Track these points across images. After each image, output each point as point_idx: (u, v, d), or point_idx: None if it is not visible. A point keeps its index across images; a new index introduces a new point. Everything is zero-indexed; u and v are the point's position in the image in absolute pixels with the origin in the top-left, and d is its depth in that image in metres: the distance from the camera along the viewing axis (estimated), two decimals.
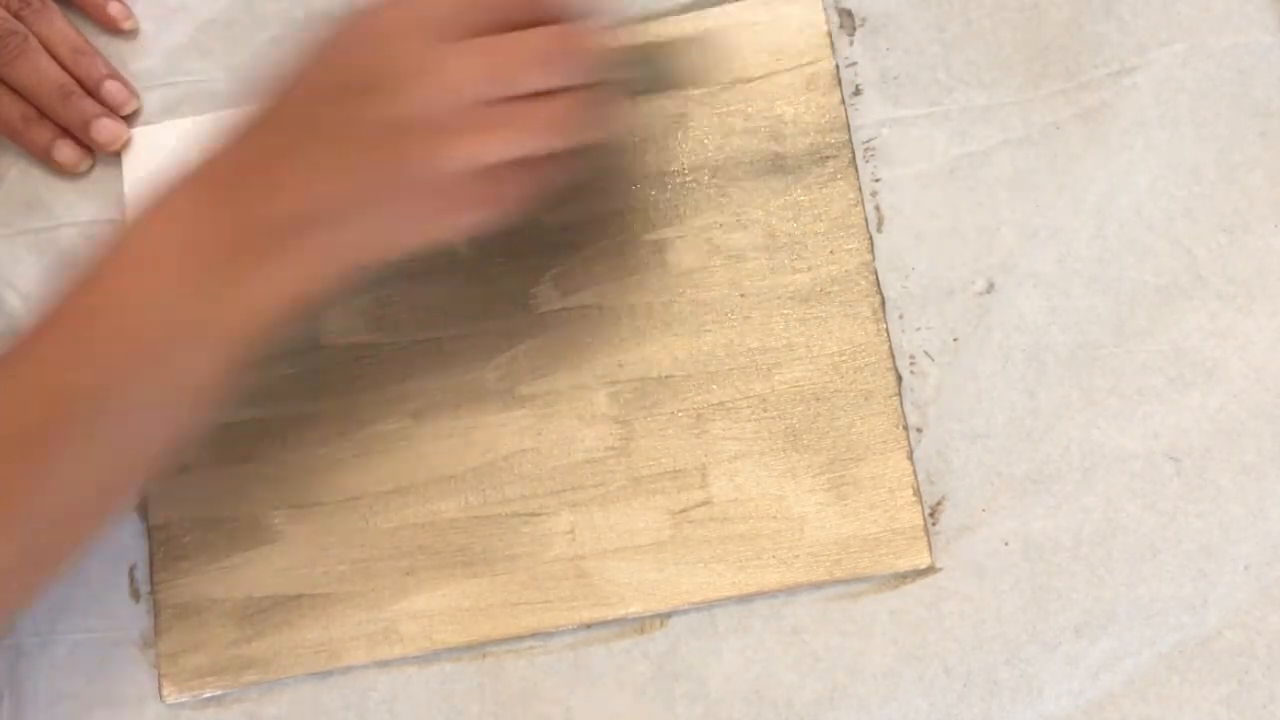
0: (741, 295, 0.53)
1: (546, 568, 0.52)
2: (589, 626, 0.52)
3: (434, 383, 0.54)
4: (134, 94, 0.58)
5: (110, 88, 0.58)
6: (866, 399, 0.52)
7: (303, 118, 0.44)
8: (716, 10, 0.56)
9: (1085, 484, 0.51)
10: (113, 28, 0.59)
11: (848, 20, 0.56)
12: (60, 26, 0.58)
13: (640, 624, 0.52)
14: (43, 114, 0.57)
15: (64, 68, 0.57)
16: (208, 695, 0.53)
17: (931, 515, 0.51)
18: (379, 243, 0.45)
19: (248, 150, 0.45)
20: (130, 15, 0.59)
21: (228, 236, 0.44)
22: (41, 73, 0.57)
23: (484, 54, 0.43)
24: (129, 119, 0.58)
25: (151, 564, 0.54)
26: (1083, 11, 0.54)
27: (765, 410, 0.52)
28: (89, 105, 0.57)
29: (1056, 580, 0.50)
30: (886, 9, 0.55)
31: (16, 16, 0.57)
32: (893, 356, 0.52)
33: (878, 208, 0.54)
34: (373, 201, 0.44)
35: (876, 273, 0.53)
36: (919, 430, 0.52)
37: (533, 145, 0.44)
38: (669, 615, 0.52)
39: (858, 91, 0.55)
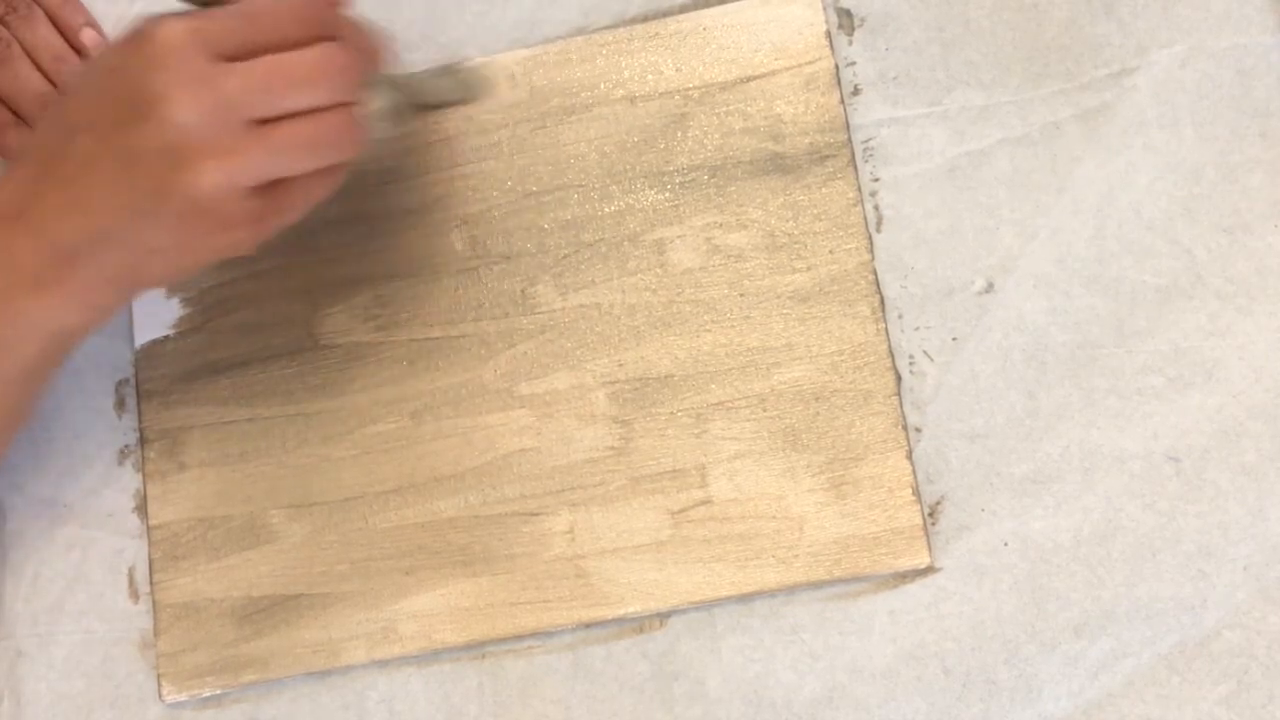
0: (741, 295, 0.53)
1: (546, 567, 0.52)
2: (588, 626, 0.52)
3: (433, 383, 0.54)
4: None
5: (88, 35, 0.58)
6: (866, 399, 0.52)
7: (75, 143, 0.45)
8: (716, 10, 0.56)
9: (1085, 484, 0.51)
10: (85, 55, 0.59)
11: (847, 20, 0.56)
12: (44, 34, 0.58)
13: (639, 624, 0.52)
14: (21, 121, 0.57)
15: (46, 76, 0.57)
16: (207, 695, 0.53)
17: (931, 515, 0.51)
18: (154, 265, 0.46)
19: (27, 174, 0.46)
20: (102, 42, 0.59)
21: (18, 261, 0.46)
22: (22, 80, 0.57)
23: (249, 75, 0.44)
24: None
25: (151, 564, 0.54)
26: (1082, 12, 0.54)
27: (764, 410, 0.52)
28: None
29: (1056, 580, 0.50)
30: (886, 9, 0.55)
31: (1, 22, 0.57)
32: (892, 356, 0.52)
33: (877, 207, 0.54)
34: (142, 225, 0.45)
35: (876, 272, 0.53)
36: (918, 430, 0.52)
37: (293, 165, 0.45)
38: (668, 615, 0.52)
39: (857, 91, 0.55)
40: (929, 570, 0.51)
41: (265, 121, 0.44)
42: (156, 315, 0.57)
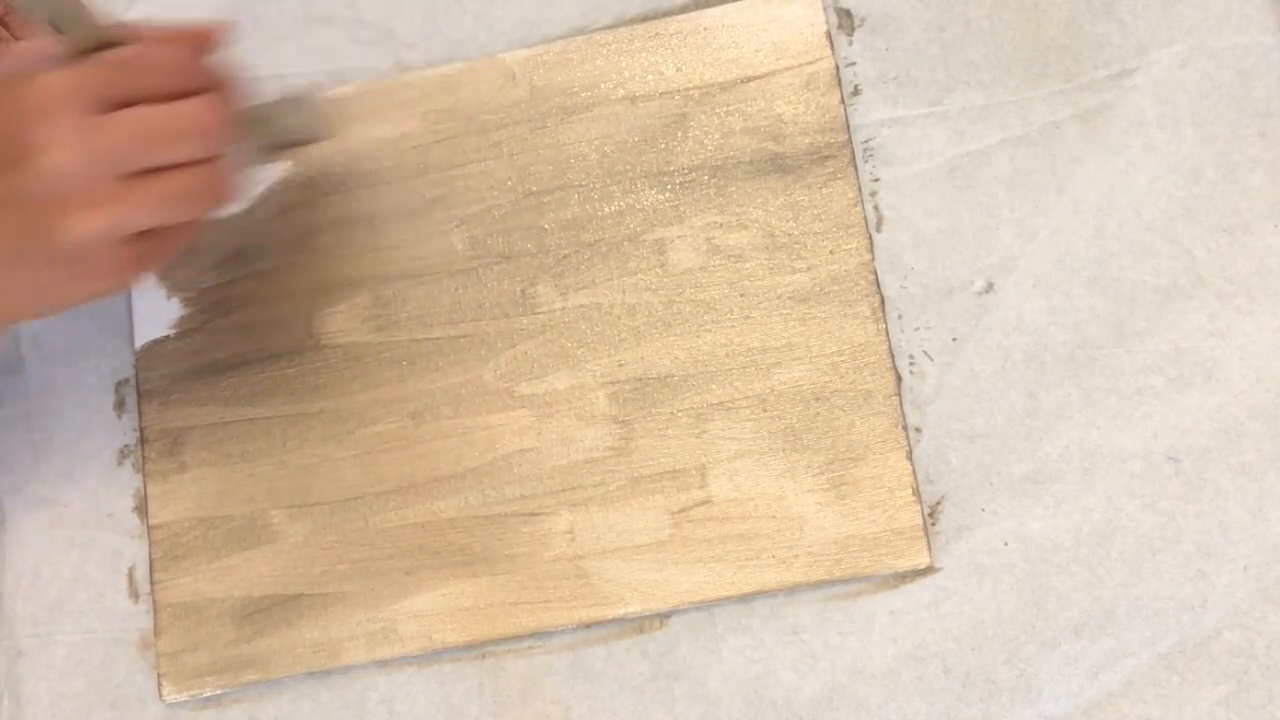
0: (741, 295, 0.53)
1: (546, 567, 0.52)
2: (588, 626, 0.52)
3: (433, 383, 0.54)
4: None
5: None
6: (866, 399, 0.52)
7: None
8: (716, 9, 0.56)
9: (1084, 484, 0.51)
10: None
11: (847, 20, 0.56)
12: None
13: (640, 624, 0.52)
14: None
15: None
16: (207, 695, 0.53)
17: (931, 515, 0.51)
18: (25, 303, 0.47)
19: None
20: None
21: None
22: None
23: (124, 129, 0.44)
24: None
25: (151, 564, 0.54)
26: (1082, 12, 0.54)
27: (765, 410, 0.52)
28: None
29: (1056, 580, 0.50)
30: (886, 9, 0.55)
31: (1, 23, 0.57)
32: (892, 356, 0.52)
33: (877, 207, 0.54)
34: (15, 266, 0.45)
35: (876, 272, 0.53)
36: (918, 430, 0.52)
37: (164, 217, 0.46)
38: (668, 615, 0.52)
39: (857, 91, 0.55)
40: (929, 570, 0.51)
41: (141, 173, 0.45)
42: (157, 315, 0.57)
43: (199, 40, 0.48)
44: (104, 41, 0.46)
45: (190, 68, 0.47)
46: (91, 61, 0.45)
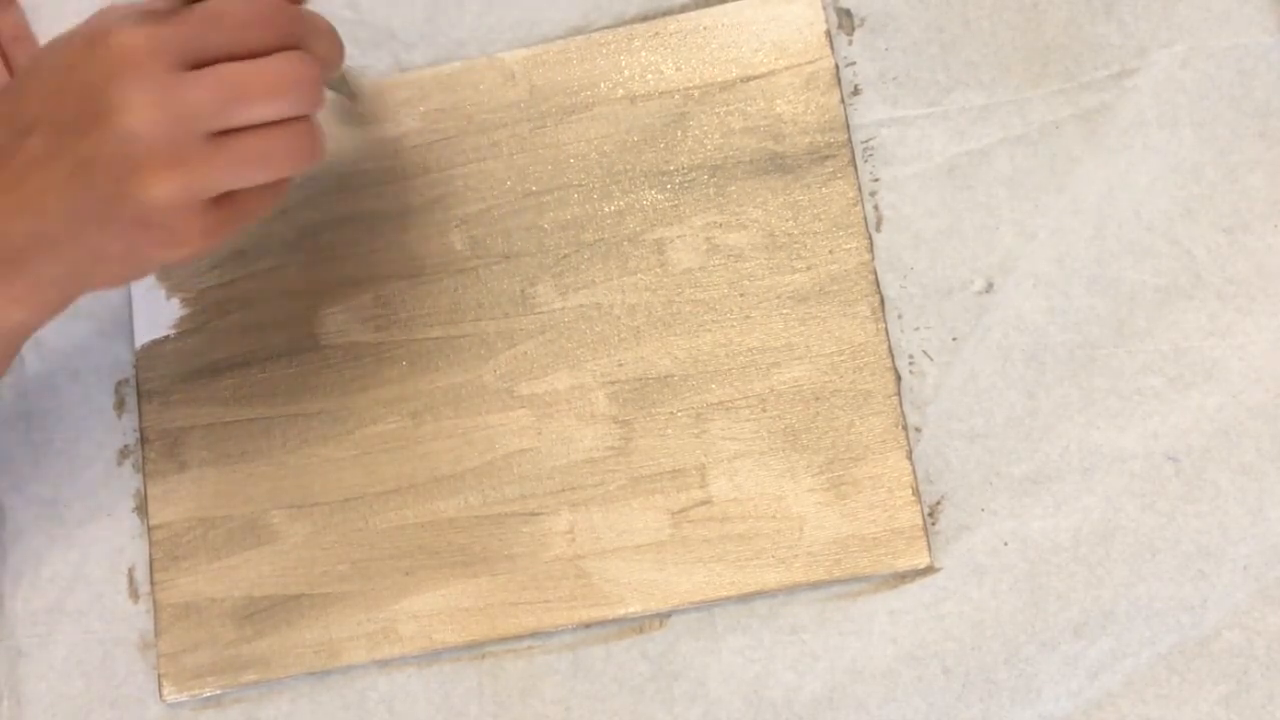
0: (741, 295, 0.53)
1: (546, 567, 0.52)
2: (588, 626, 0.52)
3: (433, 383, 0.54)
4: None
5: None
6: (865, 399, 0.52)
7: (26, 142, 0.44)
8: (716, 9, 0.56)
9: (1084, 484, 0.51)
10: None
11: (847, 20, 0.56)
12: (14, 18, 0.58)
13: (639, 624, 0.52)
14: None
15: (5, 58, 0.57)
16: (207, 695, 0.53)
17: (930, 515, 0.51)
18: (101, 270, 0.45)
19: None
20: (25, 33, 0.59)
21: None
22: None
23: (209, 87, 0.43)
24: None
25: (151, 564, 0.54)
26: (1082, 12, 0.54)
27: (764, 410, 0.52)
28: None
29: (1055, 580, 0.50)
30: (886, 9, 0.55)
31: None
32: (892, 356, 0.52)
33: (876, 207, 0.54)
34: (92, 232, 0.44)
35: (875, 272, 0.53)
36: (918, 430, 0.52)
37: (248, 179, 0.44)
38: (668, 615, 0.52)
39: (856, 91, 0.55)
40: (929, 570, 0.51)
41: (223, 132, 0.43)
42: (157, 315, 0.56)
43: None
44: None
45: (277, 22, 0.45)
46: (175, 17, 0.43)
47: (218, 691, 0.53)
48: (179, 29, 0.43)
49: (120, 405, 0.57)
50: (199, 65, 0.43)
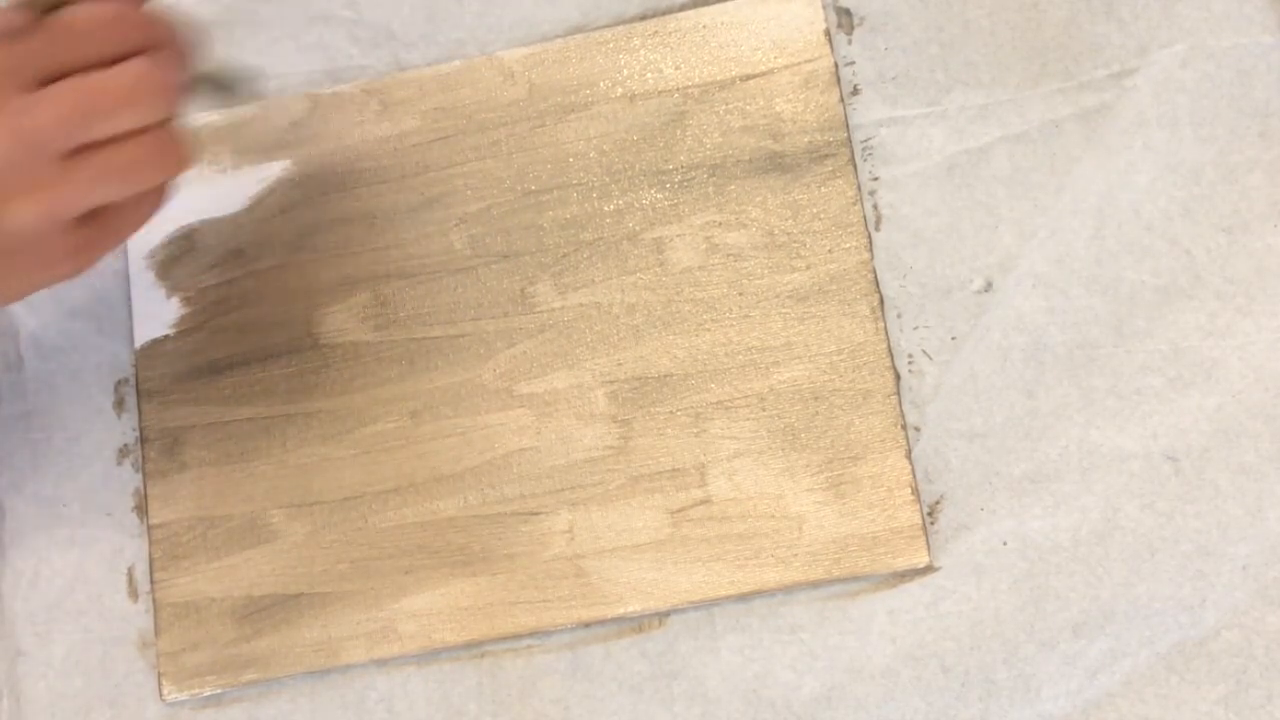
0: (740, 294, 0.53)
1: (545, 567, 0.52)
2: (587, 625, 0.52)
3: (432, 382, 0.54)
4: None
5: None
6: (865, 398, 0.52)
7: None
8: (715, 7, 0.56)
9: (1083, 484, 0.51)
10: None
11: (846, 19, 0.56)
12: None
13: (638, 623, 0.52)
14: None
15: None
16: (207, 694, 0.53)
17: (930, 514, 0.51)
18: None
19: None
20: None
21: None
22: None
23: (60, 104, 0.41)
24: None
25: (151, 563, 0.54)
26: (1082, 12, 0.54)
27: (764, 409, 0.52)
28: None
29: (1054, 580, 0.50)
30: (885, 8, 0.55)
31: None
32: (891, 355, 0.52)
33: (876, 206, 0.54)
34: None
35: (875, 271, 0.53)
36: (917, 429, 0.52)
37: (114, 193, 0.43)
38: (667, 614, 0.52)
39: (856, 91, 0.55)
40: (928, 570, 0.51)
41: (82, 148, 0.42)
42: (156, 315, 0.57)
43: None
44: (55, 2, 0.42)
45: (126, 27, 0.43)
46: (20, 35, 0.42)
47: (217, 691, 0.53)
48: (24, 45, 0.41)
49: (120, 404, 0.57)
50: (49, 81, 0.41)
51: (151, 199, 0.45)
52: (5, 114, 0.41)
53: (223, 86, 0.51)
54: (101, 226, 0.44)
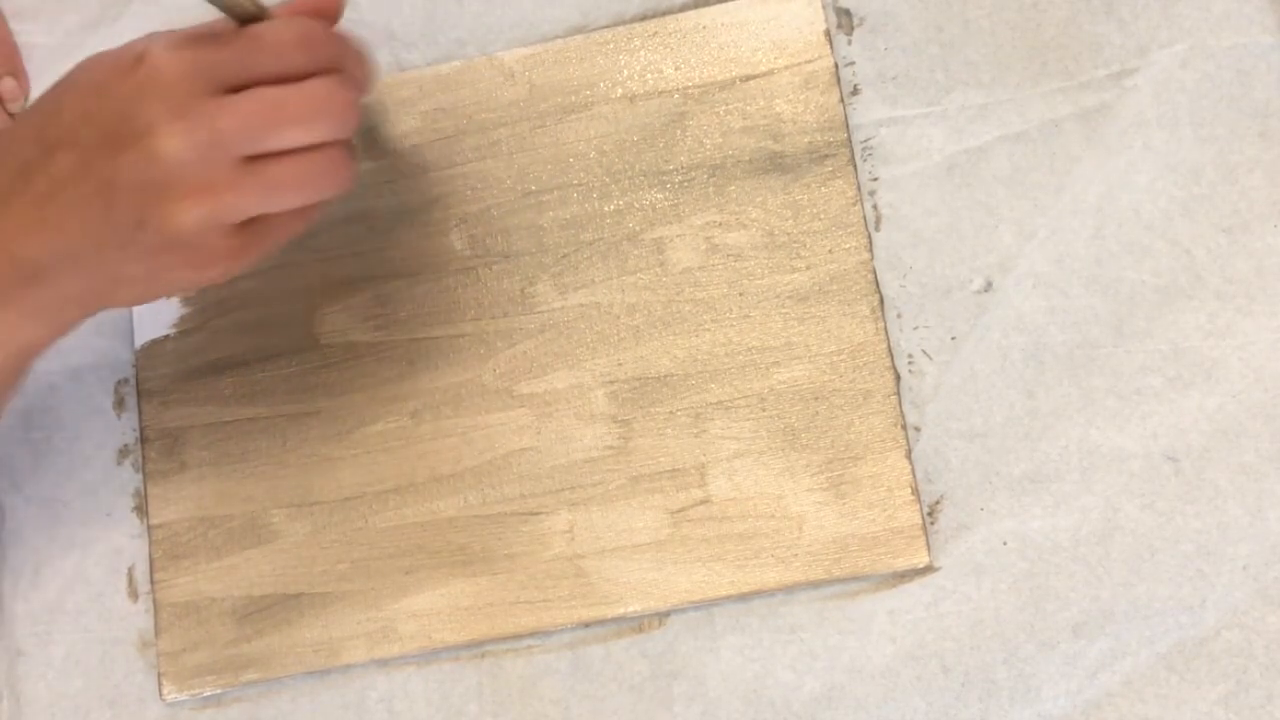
0: (740, 294, 0.53)
1: (545, 567, 0.52)
2: (587, 625, 0.52)
3: (433, 382, 0.54)
4: (25, 93, 0.58)
5: (6, 84, 0.58)
6: (865, 398, 0.52)
7: (53, 159, 0.43)
8: (715, 8, 0.56)
9: (1084, 484, 0.51)
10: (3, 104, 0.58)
11: (846, 19, 0.56)
12: None
13: (639, 623, 0.52)
14: None
15: None
16: (207, 694, 0.53)
17: (930, 514, 0.51)
18: (121, 291, 0.45)
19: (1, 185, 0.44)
20: (20, 96, 0.59)
21: None
22: None
23: (245, 113, 0.42)
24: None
25: (151, 563, 0.54)
26: (1082, 11, 0.54)
27: (764, 409, 0.52)
28: None
29: (1054, 580, 0.50)
30: (885, 8, 0.55)
31: None
32: (891, 355, 0.52)
33: (876, 206, 0.54)
34: (115, 253, 0.43)
35: (875, 271, 0.53)
36: (917, 429, 0.52)
37: (280, 204, 0.44)
38: (667, 614, 0.52)
39: (856, 91, 0.55)
40: (928, 570, 0.51)
41: (255, 157, 0.43)
42: (156, 315, 0.57)
43: (321, 13, 0.46)
44: (251, 15, 0.44)
45: (315, 45, 0.44)
46: (214, 42, 0.43)
47: (217, 691, 0.53)
48: (215, 53, 0.43)
49: (120, 405, 0.57)
50: (236, 89, 0.42)
51: (308, 214, 0.46)
52: (192, 116, 0.42)
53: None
54: (258, 234, 0.45)
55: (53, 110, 0.44)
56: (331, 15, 0.46)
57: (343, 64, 0.45)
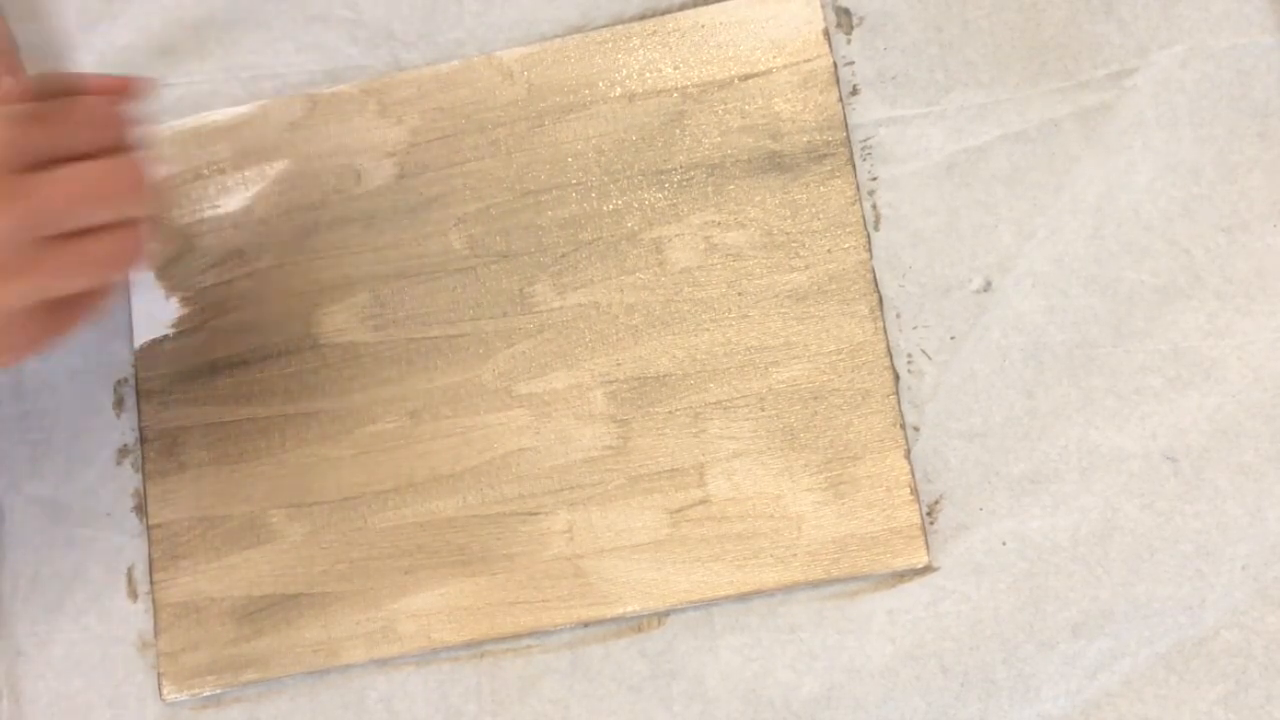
0: (739, 294, 0.53)
1: (544, 567, 0.52)
2: (586, 625, 0.52)
3: (431, 382, 0.54)
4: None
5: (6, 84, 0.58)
6: (864, 398, 0.52)
7: None
8: (714, 7, 0.56)
9: (1083, 484, 0.51)
10: None
11: (845, 19, 0.56)
12: None
13: (638, 623, 0.52)
14: None
15: None
16: (207, 694, 0.53)
17: (929, 514, 0.51)
18: None
19: None
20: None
21: None
22: None
23: (50, 192, 0.41)
24: None
25: (151, 563, 0.54)
26: (1082, 11, 0.54)
27: (763, 409, 0.52)
28: None
29: (1054, 580, 0.50)
30: (884, 8, 0.55)
31: None
32: (890, 355, 0.52)
33: (875, 206, 0.54)
34: None
35: (874, 271, 0.53)
36: (916, 429, 0.52)
37: (82, 283, 0.43)
38: (666, 614, 0.52)
39: (855, 91, 0.55)
40: (927, 570, 0.51)
41: (58, 236, 0.42)
42: (156, 315, 0.57)
43: (120, 92, 0.45)
44: (56, 91, 0.43)
45: (112, 122, 0.44)
46: (17, 118, 0.42)
47: (217, 691, 0.53)
48: (20, 131, 0.42)
49: (119, 404, 0.57)
50: (36, 167, 0.41)
51: (107, 291, 0.46)
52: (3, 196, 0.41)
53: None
54: (63, 312, 0.44)
55: None
56: (127, 101, 0.46)
57: (133, 144, 0.44)
